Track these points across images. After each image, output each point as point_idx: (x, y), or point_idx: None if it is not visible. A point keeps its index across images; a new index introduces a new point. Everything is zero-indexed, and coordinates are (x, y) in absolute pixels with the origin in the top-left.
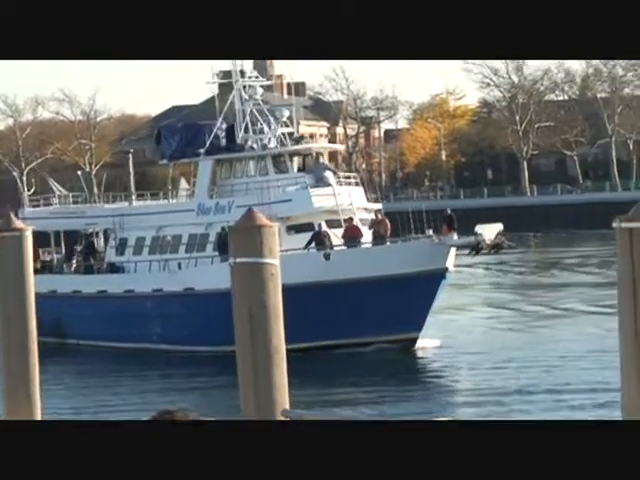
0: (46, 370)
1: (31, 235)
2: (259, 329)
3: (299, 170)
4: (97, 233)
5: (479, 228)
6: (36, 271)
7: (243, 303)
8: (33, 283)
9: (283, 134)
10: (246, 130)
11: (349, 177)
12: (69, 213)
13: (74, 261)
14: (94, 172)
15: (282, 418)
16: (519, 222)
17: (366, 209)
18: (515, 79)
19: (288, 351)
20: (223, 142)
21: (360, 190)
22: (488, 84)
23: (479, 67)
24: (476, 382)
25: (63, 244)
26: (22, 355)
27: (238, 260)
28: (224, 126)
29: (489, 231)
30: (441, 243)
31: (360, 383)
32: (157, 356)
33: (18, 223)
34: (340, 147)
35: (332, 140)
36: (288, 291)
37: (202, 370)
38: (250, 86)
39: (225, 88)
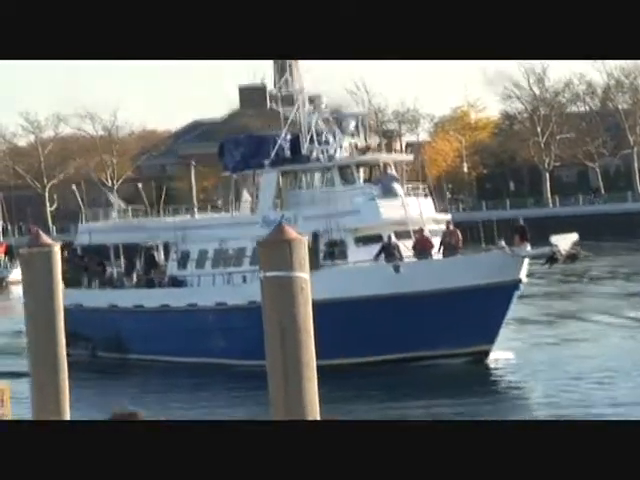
0: (110, 385)
1: (59, 251)
2: (290, 343)
3: (365, 181)
4: (157, 246)
5: (554, 239)
6: (100, 285)
7: (273, 317)
8: (62, 298)
9: (349, 144)
10: (311, 141)
11: (418, 188)
12: (130, 226)
13: (134, 275)
14: (116, 187)
15: None
16: (543, 233)
17: (435, 220)
18: (536, 91)
19: (358, 365)
20: (287, 153)
21: (429, 201)
22: (509, 96)
23: (500, 80)
24: (554, 395)
25: (123, 258)
26: (51, 372)
27: (268, 274)
28: (288, 137)
29: (564, 241)
30: (515, 254)
31: (432, 396)
32: (220, 371)
33: (46, 239)
34: (408, 158)
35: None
36: (357, 304)
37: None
38: (316, 96)
39: (246, 103)
